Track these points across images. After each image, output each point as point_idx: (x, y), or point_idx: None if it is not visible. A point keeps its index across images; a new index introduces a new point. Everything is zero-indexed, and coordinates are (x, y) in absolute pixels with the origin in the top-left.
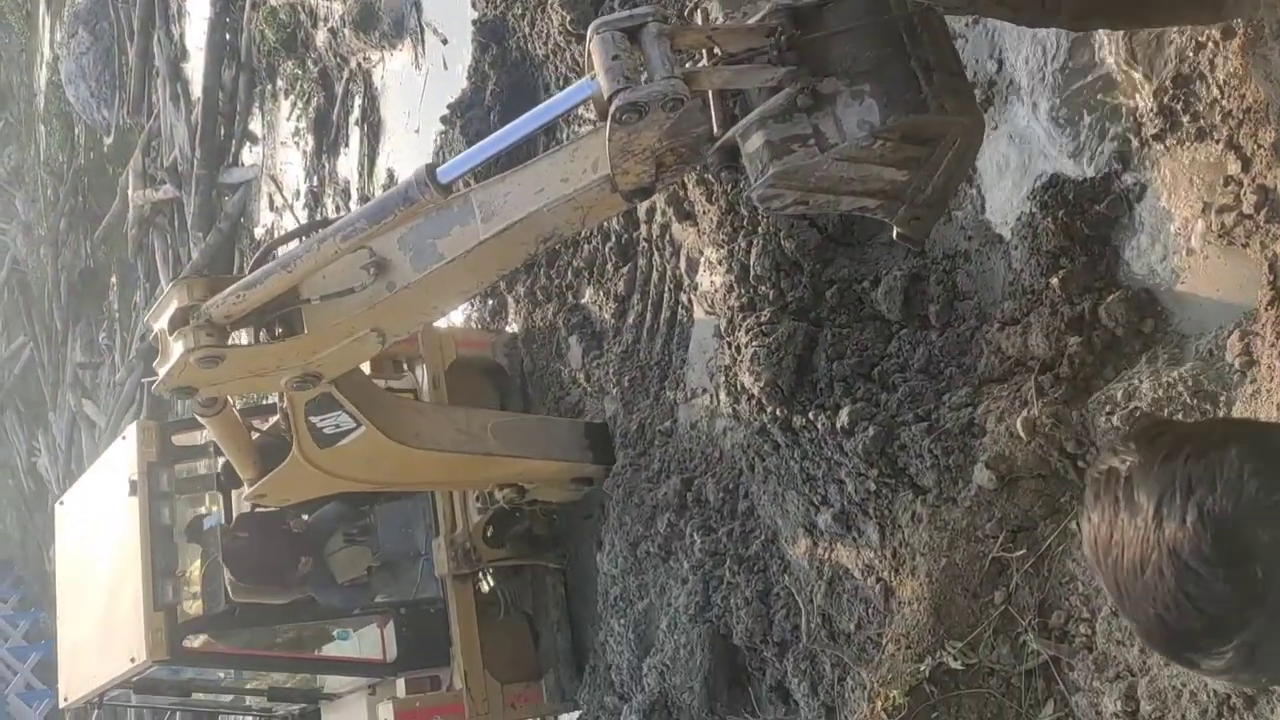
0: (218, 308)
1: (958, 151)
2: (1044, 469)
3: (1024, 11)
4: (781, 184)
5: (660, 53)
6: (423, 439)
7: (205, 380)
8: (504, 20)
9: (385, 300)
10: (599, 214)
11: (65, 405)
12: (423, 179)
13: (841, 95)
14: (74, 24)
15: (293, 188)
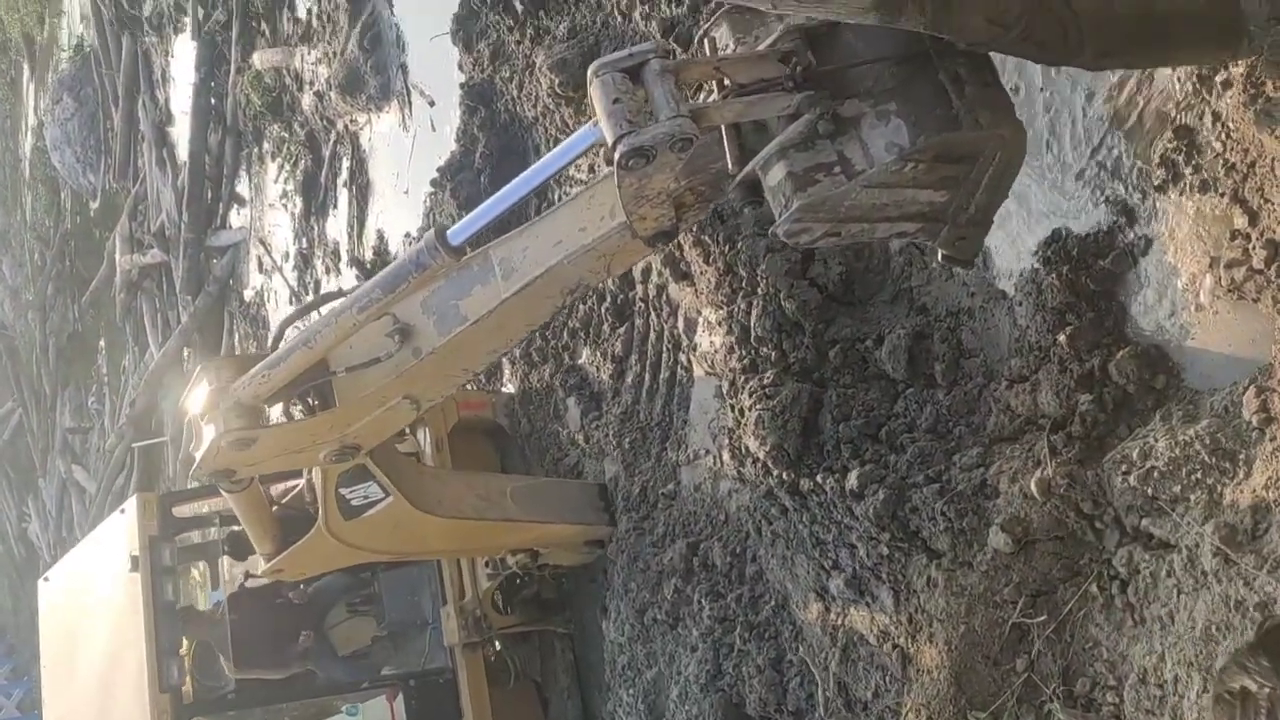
0: (245, 389)
1: (999, 166)
2: (1061, 531)
3: (1049, 49)
4: (808, 217)
5: (664, 91)
6: (446, 507)
7: (241, 462)
8: (491, 83)
9: (413, 367)
10: (623, 261)
11: (55, 471)
12: (433, 244)
13: (866, 117)
14: (59, 90)
15: (281, 250)
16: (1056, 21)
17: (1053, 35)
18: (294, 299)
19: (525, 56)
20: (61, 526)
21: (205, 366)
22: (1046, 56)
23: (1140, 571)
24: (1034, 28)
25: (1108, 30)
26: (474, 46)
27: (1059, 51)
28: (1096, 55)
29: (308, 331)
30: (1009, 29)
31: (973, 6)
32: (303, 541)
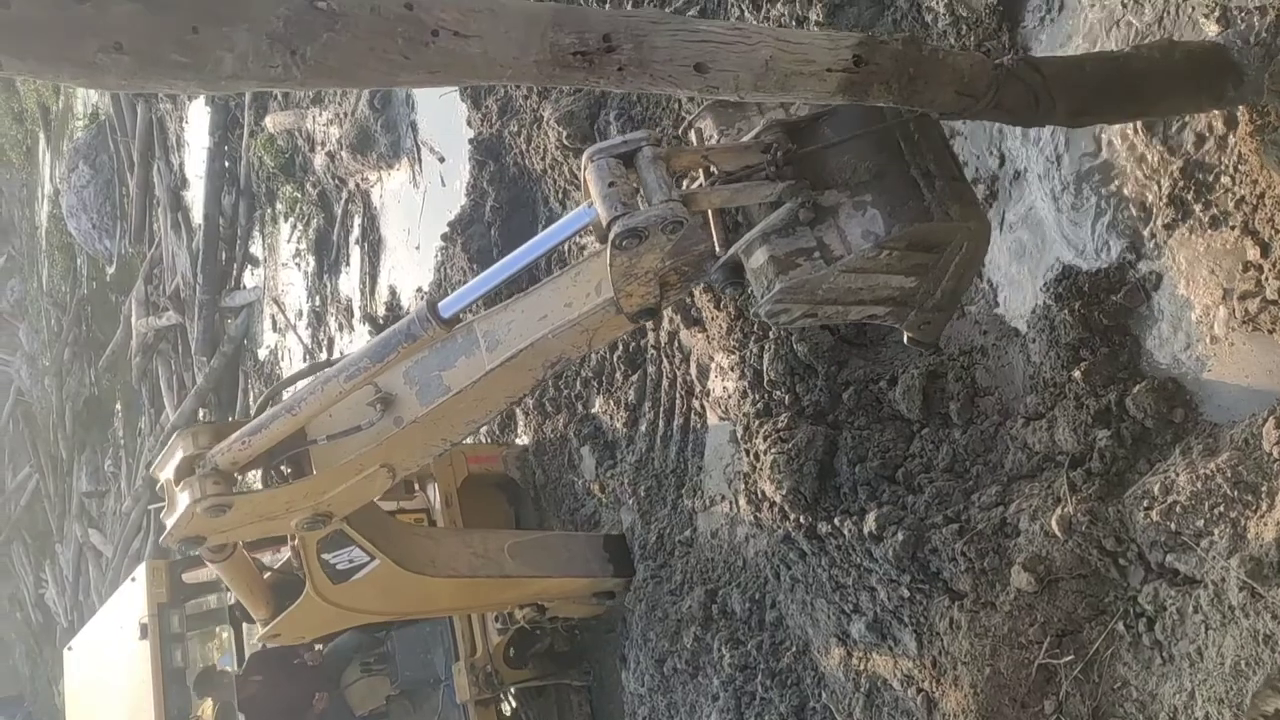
0: (223, 455)
1: (965, 255)
2: (1084, 569)
3: (1020, 114)
4: (788, 298)
5: (657, 176)
6: (439, 566)
7: (214, 529)
8: (500, 137)
9: (393, 436)
10: (605, 336)
11: (72, 536)
12: (424, 315)
13: (844, 207)
14: (74, 158)
15: (295, 308)
16: (1025, 89)
17: (1022, 102)
18: (308, 356)
19: (533, 111)
20: (78, 592)
21: (181, 433)
22: (1019, 120)
23: (1166, 608)
24: (1004, 96)
25: (1079, 92)
26: (482, 103)
27: (1031, 116)
28: (1070, 115)
29: (293, 399)
30: (978, 99)
31: (941, 81)
32: (294, 606)
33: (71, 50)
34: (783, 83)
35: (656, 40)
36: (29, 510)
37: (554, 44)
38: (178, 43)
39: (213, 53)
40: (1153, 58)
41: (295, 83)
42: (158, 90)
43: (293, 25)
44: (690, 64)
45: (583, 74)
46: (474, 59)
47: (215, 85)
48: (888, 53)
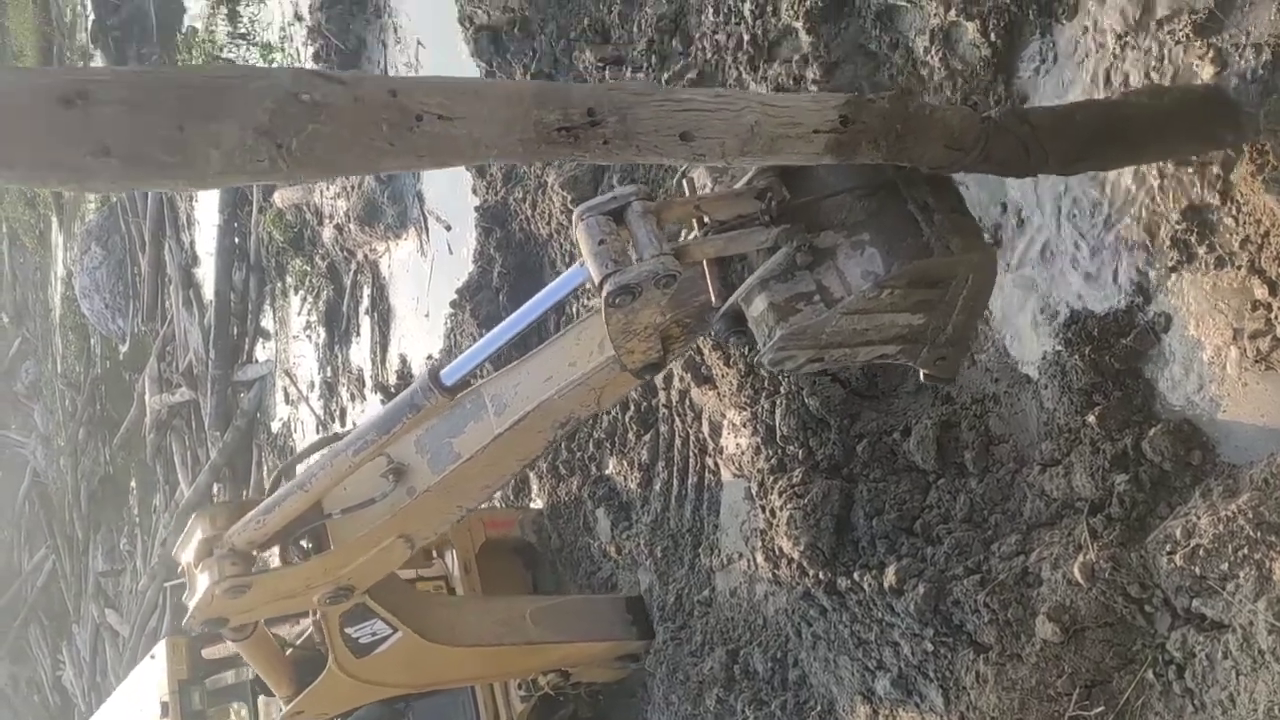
0: (240, 535)
1: (972, 288)
2: (1110, 617)
3: (1012, 166)
4: (791, 345)
5: (647, 231)
6: (461, 636)
7: (235, 609)
8: (505, 204)
9: (407, 506)
10: (613, 393)
11: (88, 616)
12: (427, 385)
13: (841, 247)
14: (86, 240)
15: (307, 380)
16: (1015, 140)
17: (1013, 154)
18: (320, 427)
19: (537, 177)
20: (95, 673)
21: (199, 514)
22: (1010, 172)
23: (1196, 654)
24: (993, 149)
25: (1070, 141)
26: (487, 171)
27: (1022, 167)
28: (1062, 164)
29: (304, 475)
30: (967, 152)
31: (929, 136)
32: (317, 682)
33: (59, 157)
34: (769, 146)
35: (641, 112)
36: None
37: (538, 121)
38: (164, 142)
39: (200, 150)
40: (1142, 103)
41: (282, 175)
42: (148, 190)
43: (278, 119)
44: (675, 133)
45: (569, 149)
46: (459, 141)
47: (204, 182)
48: (875, 111)
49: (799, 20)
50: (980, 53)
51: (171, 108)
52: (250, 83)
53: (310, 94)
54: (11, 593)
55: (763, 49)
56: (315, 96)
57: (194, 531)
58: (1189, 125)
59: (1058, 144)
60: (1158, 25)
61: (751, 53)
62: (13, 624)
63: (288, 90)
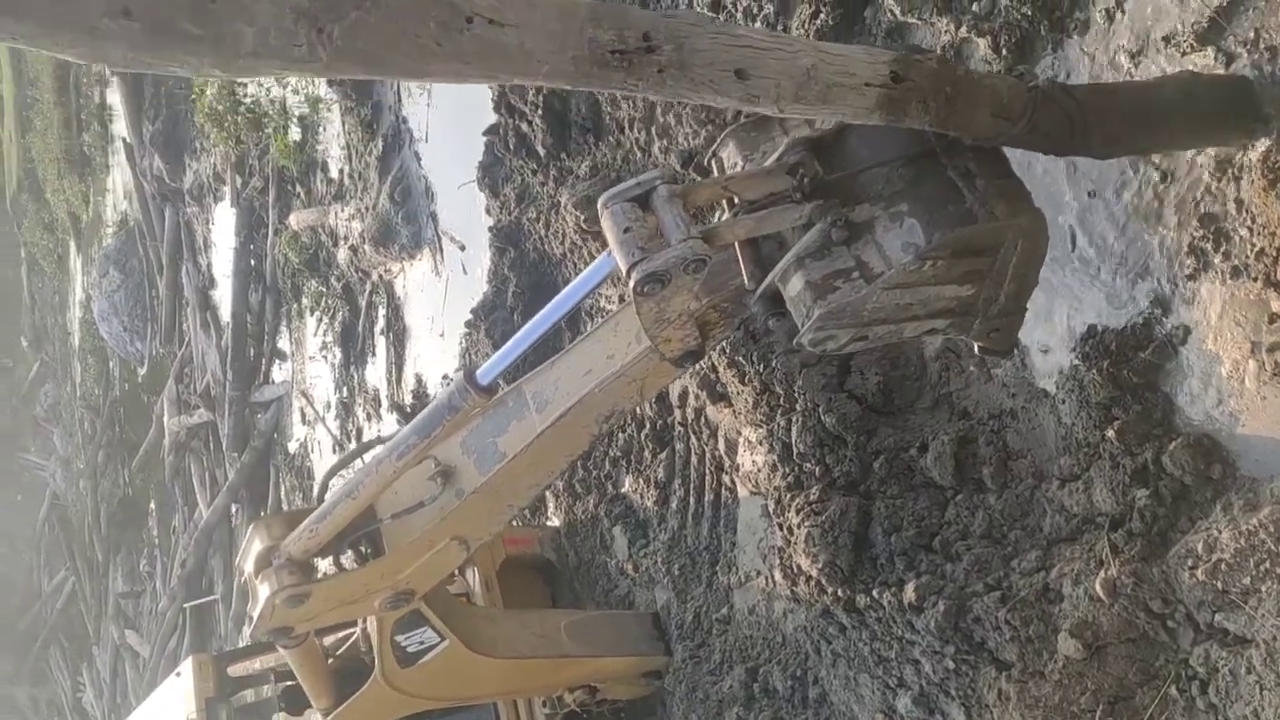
0: (295, 544)
1: (1022, 254)
2: (1132, 632)
3: (1056, 139)
4: (831, 324)
5: (674, 215)
6: (502, 647)
7: (297, 618)
8: (519, 224)
9: (457, 508)
10: (655, 384)
11: (108, 638)
12: (463, 385)
13: (879, 220)
14: (105, 264)
15: (323, 400)
16: (1062, 113)
17: (1058, 126)
18: (337, 448)
19: (550, 196)
20: (116, 694)
21: (256, 525)
22: (1054, 147)
23: (1219, 670)
24: (1040, 119)
25: (1112, 119)
26: (500, 191)
27: (1066, 141)
28: (1103, 143)
29: (350, 483)
30: (1015, 122)
31: (977, 102)
32: (360, 693)
33: (75, 13)
34: (824, 94)
35: (698, 43)
36: (66, 613)
37: (592, 40)
38: (193, 11)
39: (231, 25)
40: (1179, 88)
41: (320, 65)
42: (166, 68)
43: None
44: (731, 69)
45: (621, 75)
46: (509, 50)
47: (232, 65)
48: (924, 70)
49: (809, 38)
50: (992, 69)
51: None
52: None
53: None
54: (32, 615)
55: None
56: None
57: (252, 542)
58: (1223, 114)
59: (1101, 121)
60: (1164, 40)
61: None
62: (33, 646)
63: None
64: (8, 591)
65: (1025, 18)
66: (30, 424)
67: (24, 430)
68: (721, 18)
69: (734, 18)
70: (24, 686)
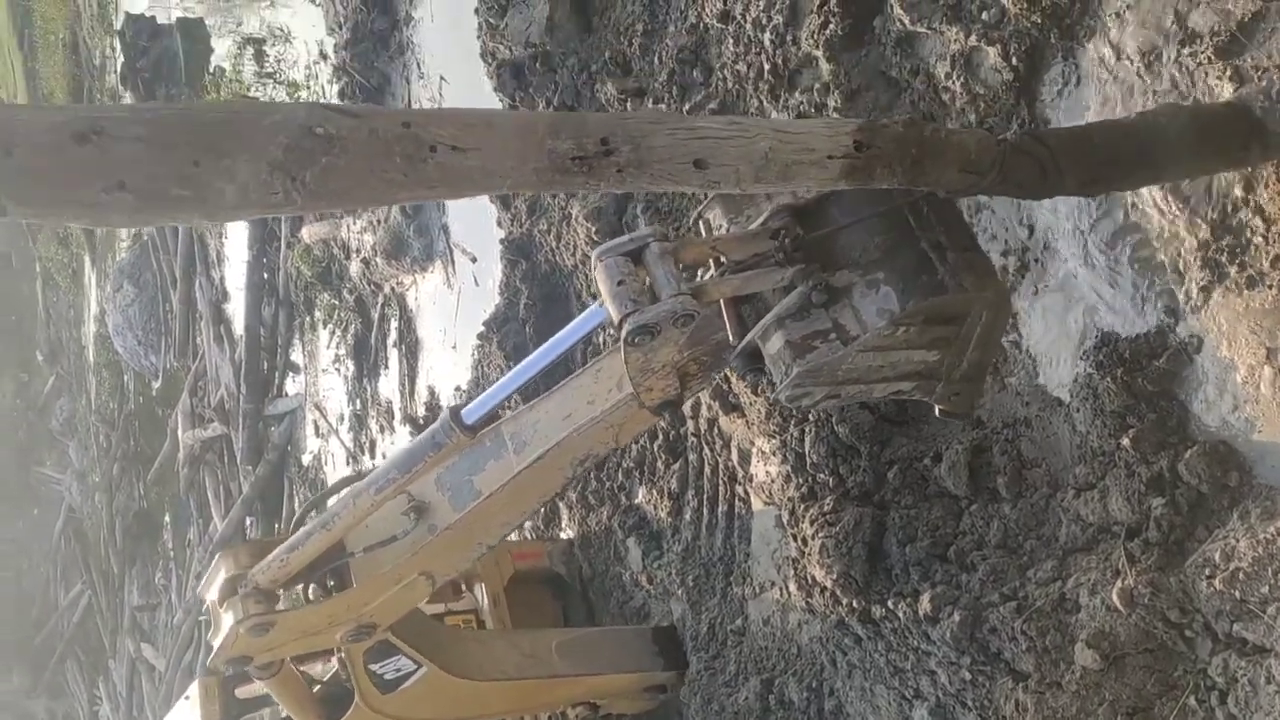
0: (263, 574)
1: (986, 324)
2: (1150, 642)
3: (1029, 188)
4: (808, 382)
5: (665, 271)
6: (486, 670)
7: (259, 648)
8: (530, 236)
9: (429, 544)
10: (630, 431)
11: (124, 651)
12: (448, 424)
13: (856, 286)
14: (119, 278)
15: (336, 413)
16: (1033, 162)
17: (1030, 175)
18: (350, 460)
19: (561, 209)
20: (132, 708)
21: (224, 552)
22: (1028, 194)
23: (1238, 680)
24: (1010, 171)
25: (1087, 162)
26: (511, 203)
27: (1040, 189)
28: (1080, 185)
29: (327, 514)
30: (984, 175)
31: (945, 160)
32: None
33: (75, 192)
34: (784, 173)
35: (655, 140)
36: (82, 627)
37: (552, 151)
38: (179, 178)
39: (214, 185)
40: (1159, 124)
41: (296, 207)
42: (162, 224)
43: (292, 153)
44: (689, 160)
45: (582, 178)
46: (471, 172)
47: (218, 216)
48: (889, 135)
49: (819, 49)
50: (1002, 77)
51: (187, 144)
52: (265, 118)
53: (324, 127)
54: (48, 629)
55: (783, 78)
56: (329, 130)
57: (219, 570)
58: (1207, 144)
59: (1075, 165)
60: (1179, 48)
61: (772, 82)
62: (50, 660)
63: (302, 124)
64: (25, 606)
65: (1035, 25)
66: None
67: (40, 444)
68: (730, 29)
69: (742, 28)
70: (41, 700)
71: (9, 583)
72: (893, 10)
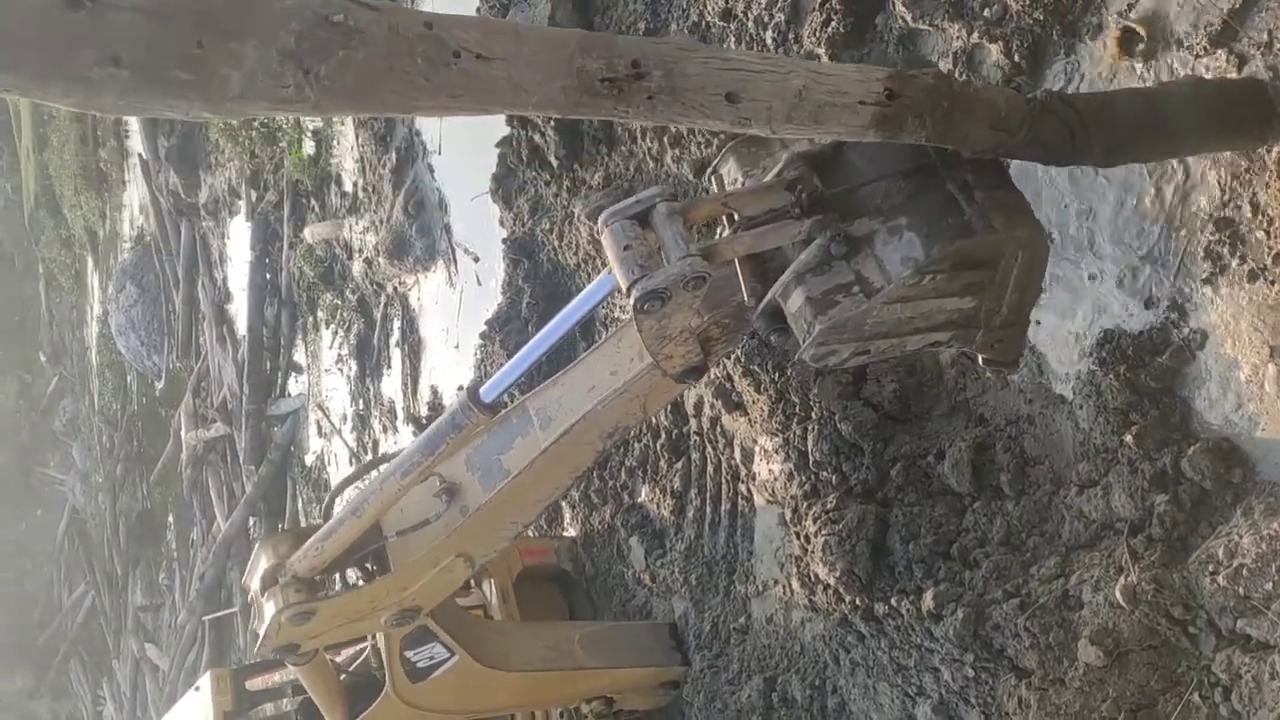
0: (301, 562)
1: (1023, 266)
2: (1153, 639)
3: (1056, 150)
4: (833, 339)
5: (673, 233)
6: (514, 661)
7: (303, 635)
8: (533, 235)
9: (462, 525)
10: (657, 400)
11: (128, 651)
12: (466, 404)
13: (878, 234)
14: (121, 279)
15: (339, 413)
16: (1061, 123)
17: (1058, 137)
18: (353, 459)
19: (564, 207)
20: (136, 708)
21: (264, 542)
22: (1055, 158)
23: (1242, 676)
24: (1039, 130)
25: (1112, 129)
26: (514, 202)
27: (1067, 152)
28: (1105, 153)
29: (355, 501)
30: (1013, 134)
31: (975, 115)
32: (372, 709)
33: (65, 63)
34: (816, 114)
35: (688, 68)
36: (85, 628)
37: (581, 69)
38: (181, 57)
39: (219, 70)
40: (1183, 94)
41: (308, 105)
42: (157, 112)
43: (306, 41)
44: (722, 93)
45: (611, 102)
46: (497, 83)
47: (221, 106)
48: (919, 86)
49: (821, 46)
50: (1005, 74)
51: (191, 20)
52: (277, 0)
53: (342, 16)
54: (52, 629)
55: None
56: (348, 20)
57: (259, 560)
58: (1232, 119)
59: (1101, 130)
60: (1177, 42)
61: None
62: (54, 660)
63: (318, 11)
64: (29, 606)
65: (1037, 22)
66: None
67: (43, 445)
68: (732, 26)
69: (745, 26)
70: (45, 701)
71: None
72: (895, 7)
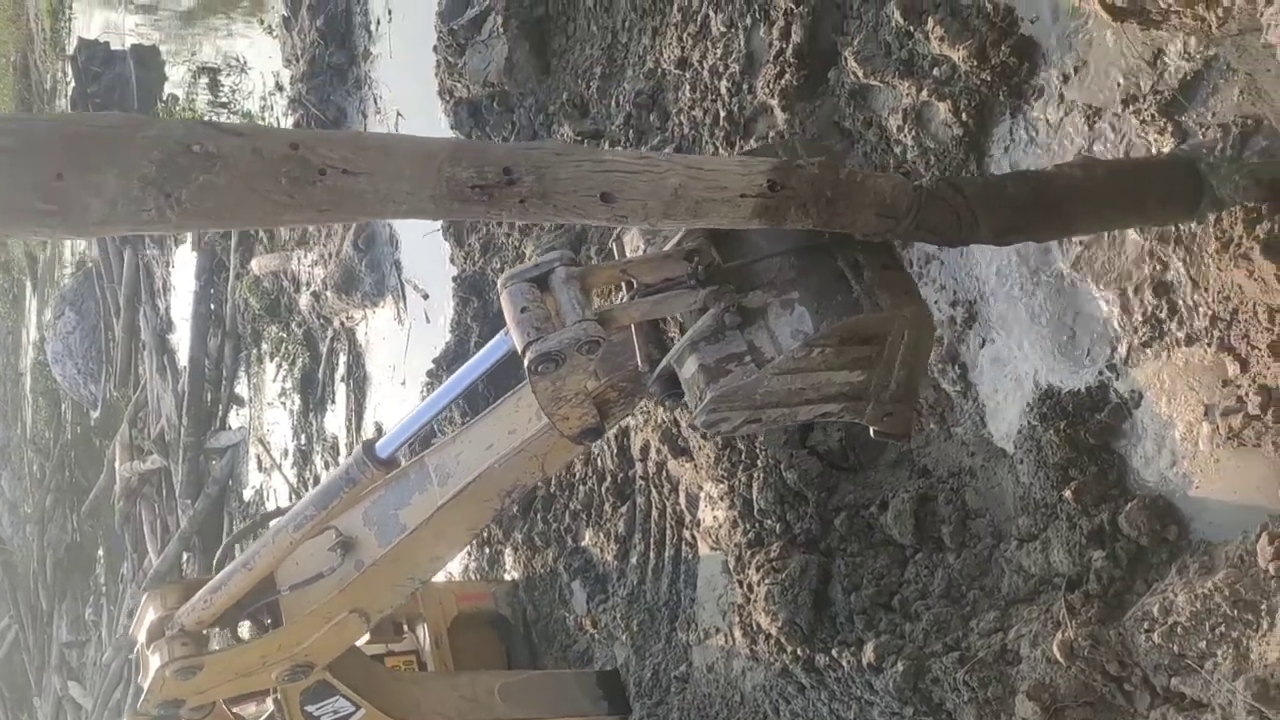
0: (189, 614)
1: (910, 343)
2: (1089, 695)
3: (945, 234)
4: (724, 406)
5: (570, 297)
6: (425, 712)
7: (189, 690)
8: (483, 274)
9: (356, 580)
10: (555, 460)
11: (50, 689)
12: (361, 458)
13: (771, 306)
14: (60, 305)
15: (281, 447)
16: (948, 209)
17: (945, 222)
18: (294, 495)
19: (515, 248)
20: None
21: (150, 593)
22: (944, 240)
23: None
24: (926, 216)
25: (1002, 212)
26: (465, 241)
27: (955, 235)
28: (995, 234)
29: (248, 553)
30: (899, 219)
31: (860, 203)
32: None
33: None
34: (694, 210)
35: (559, 172)
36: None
37: (450, 179)
38: (42, 190)
39: (79, 199)
40: (1075, 176)
41: (170, 225)
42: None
43: (166, 169)
44: (596, 193)
45: (482, 207)
46: (364, 196)
47: (84, 230)
48: (804, 177)
49: (774, 98)
50: (952, 132)
51: (52, 155)
52: (140, 132)
53: (203, 145)
54: None
55: (739, 125)
56: (209, 147)
57: (146, 612)
58: (1123, 199)
59: (989, 214)
60: (1124, 105)
61: (728, 128)
62: None
63: (179, 140)
64: None
65: (985, 83)
66: None
67: None
68: (687, 75)
69: (699, 75)
70: None
71: None
72: (847, 63)
